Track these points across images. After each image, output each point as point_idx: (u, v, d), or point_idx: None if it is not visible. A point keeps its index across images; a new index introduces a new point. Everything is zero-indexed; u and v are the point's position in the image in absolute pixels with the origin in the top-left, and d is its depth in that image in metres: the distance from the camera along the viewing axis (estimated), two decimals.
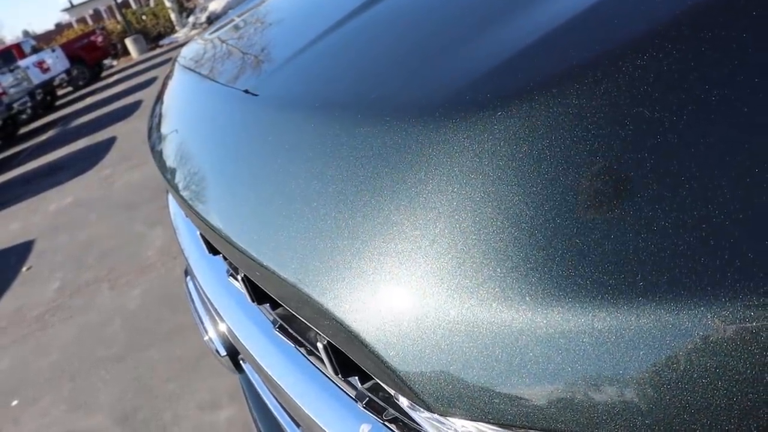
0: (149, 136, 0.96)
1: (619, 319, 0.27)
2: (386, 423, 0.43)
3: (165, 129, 0.88)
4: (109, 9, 38.38)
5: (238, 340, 0.63)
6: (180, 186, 0.67)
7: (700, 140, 0.29)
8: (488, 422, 0.30)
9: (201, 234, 0.72)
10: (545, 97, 0.34)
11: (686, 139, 0.30)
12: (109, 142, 8.58)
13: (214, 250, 0.73)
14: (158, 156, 0.80)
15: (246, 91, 0.66)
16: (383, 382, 0.36)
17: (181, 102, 0.92)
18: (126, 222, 5.13)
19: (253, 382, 0.82)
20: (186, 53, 1.26)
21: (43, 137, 12.04)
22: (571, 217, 0.30)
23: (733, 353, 0.25)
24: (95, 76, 18.30)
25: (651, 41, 0.34)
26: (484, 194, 0.33)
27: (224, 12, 21.71)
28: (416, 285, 0.34)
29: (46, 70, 15.99)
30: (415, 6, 0.66)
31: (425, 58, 0.49)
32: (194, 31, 21.29)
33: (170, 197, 1.07)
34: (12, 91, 13.74)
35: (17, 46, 17.65)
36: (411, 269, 0.34)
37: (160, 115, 0.99)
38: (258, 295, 0.59)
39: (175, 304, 3.43)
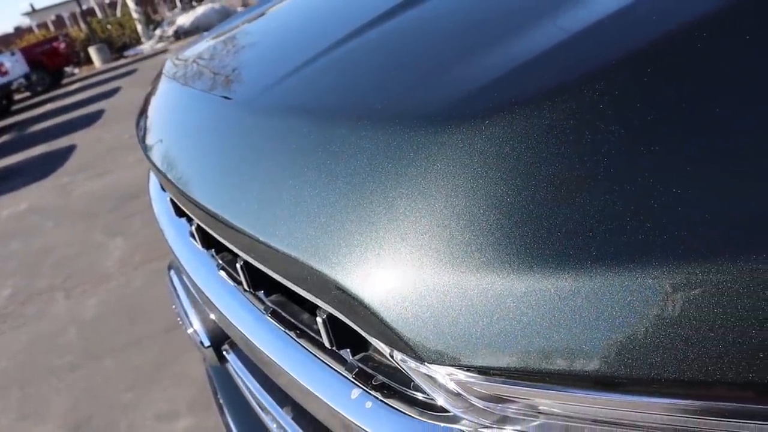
0: (142, 143, 1.01)
1: (577, 281, 0.35)
2: (373, 389, 0.50)
3: (162, 137, 0.94)
4: (73, 16, 37.72)
5: (233, 326, 0.69)
6: (181, 182, 0.73)
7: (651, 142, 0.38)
8: (468, 369, 0.38)
9: (197, 228, 0.78)
10: (523, 110, 0.42)
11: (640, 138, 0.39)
12: (69, 150, 8.42)
13: (207, 245, 0.79)
14: (156, 160, 0.86)
15: (234, 101, 0.73)
16: (380, 341, 0.43)
17: (173, 109, 0.98)
18: (84, 231, 5.05)
19: (235, 371, 0.87)
20: (170, 68, 1.32)
21: None
22: (542, 201, 0.38)
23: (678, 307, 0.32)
24: (55, 83, 17.92)
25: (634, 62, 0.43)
26: (471, 183, 0.41)
27: (192, 27, 21.60)
28: (412, 258, 0.41)
29: (3, 74, 15.59)
30: (405, 32, 0.74)
31: (419, 74, 0.58)
32: (160, 44, 21.10)
33: (155, 197, 1.12)
34: None
35: None
36: (407, 244, 0.42)
37: (152, 125, 1.04)
38: (254, 282, 0.65)
39: (134, 315, 3.40)
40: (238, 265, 0.65)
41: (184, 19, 22.36)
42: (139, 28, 22.49)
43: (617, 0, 0.52)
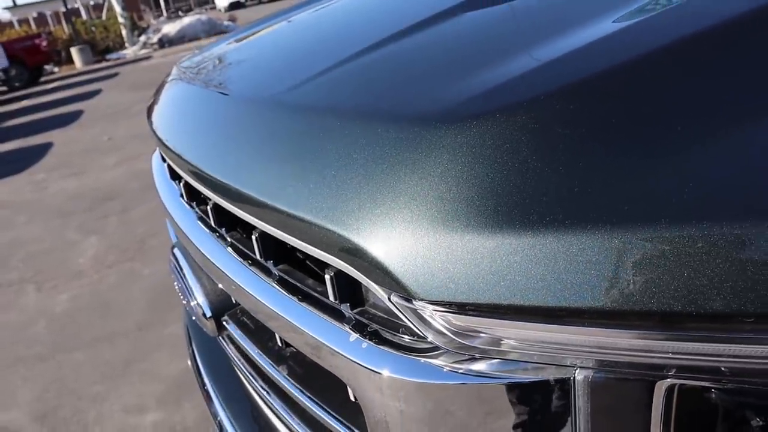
0: (156, 134, 1.13)
1: (532, 238, 0.48)
2: (367, 336, 0.62)
3: (185, 128, 1.06)
4: (56, 15, 37.45)
5: (248, 294, 0.80)
6: (205, 166, 0.85)
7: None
8: (448, 305, 0.51)
9: (213, 207, 0.90)
10: (497, 119, 0.57)
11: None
12: (45, 148, 8.37)
13: (219, 224, 0.91)
14: (181, 149, 0.97)
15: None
16: (381, 286, 0.56)
17: (187, 107, 1.11)
18: (58, 228, 5.05)
19: (233, 339, 0.98)
20: (181, 69, 1.43)
21: None
22: (505, 182, 0.52)
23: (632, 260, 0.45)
24: (34, 80, 17.74)
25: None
26: (454, 165, 0.55)
27: (178, 36, 21.69)
28: (407, 219, 0.54)
29: None
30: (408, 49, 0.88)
31: (420, 83, 0.72)
32: (144, 51, 21.09)
33: (161, 186, 1.23)
34: None
35: None
36: (404, 209, 0.55)
37: (172, 114, 1.16)
38: (267, 253, 0.78)
39: (106, 311, 3.44)
40: (253, 238, 0.77)
41: (170, 28, 22.42)
42: (124, 32, 22.46)
43: (601, 29, 0.68)
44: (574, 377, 0.49)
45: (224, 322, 0.99)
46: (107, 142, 7.86)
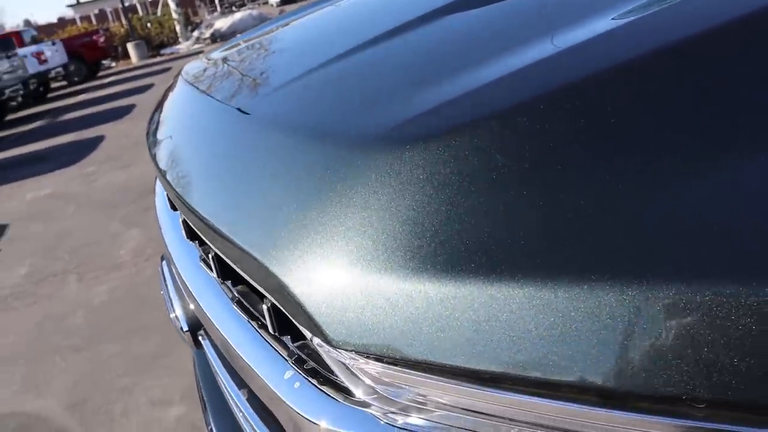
0: (147, 138, 1.11)
1: (456, 287, 0.42)
2: (305, 372, 0.58)
3: (162, 133, 1.04)
4: (115, 11, 38.71)
5: (203, 311, 0.77)
6: (172, 179, 0.82)
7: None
8: (366, 355, 0.46)
9: (183, 220, 0.87)
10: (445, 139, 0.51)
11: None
12: (97, 141, 8.65)
13: (191, 236, 0.88)
14: (155, 154, 0.95)
15: (239, 109, 0.82)
16: (305, 327, 0.51)
17: (180, 112, 1.08)
18: (103, 220, 5.20)
19: (208, 355, 0.95)
20: (190, 69, 1.42)
21: (30, 126, 12.05)
22: (426, 224, 0.46)
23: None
24: (92, 75, 18.39)
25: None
26: (383, 203, 0.49)
27: (229, 31, 22.07)
28: (332, 261, 0.49)
29: (43, 62, 16.06)
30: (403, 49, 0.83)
31: (382, 98, 0.67)
32: (196, 45, 21.57)
33: (158, 192, 1.21)
34: (6, 77, 13.78)
35: (17, 34, 17.74)
36: (330, 249, 0.50)
37: (158, 121, 1.14)
38: (224, 272, 0.74)
39: (140, 304, 3.52)
40: (210, 256, 0.74)
41: (222, 23, 22.85)
42: (178, 28, 23.01)
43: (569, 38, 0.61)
44: None
45: (200, 337, 0.97)
46: None
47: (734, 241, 0.38)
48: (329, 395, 0.54)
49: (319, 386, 0.55)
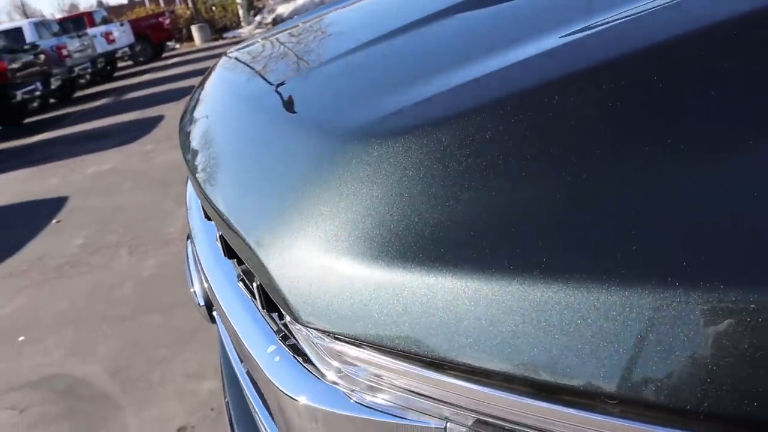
0: (182, 115, 1.16)
1: (416, 276, 0.44)
2: (286, 347, 0.61)
3: (190, 116, 1.08)
4: None
5: (210, 286, 0.81)
6: (189, 159, 0.86)
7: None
8: (327, 333, 0.48)
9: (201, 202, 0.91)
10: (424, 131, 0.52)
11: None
12: (157, 120, 8.95)
13: (207, 216, 0.92)
14: (183, 131, 1.00)
15: (275, 89, 0.85)
16: (280, 305, 0.54)
17: (215, 92, 1.12)
18: (157, 197, 5.40)
19: (219, 329, 1.00)
20: (234, 51, 1.47)
21: (96, 103, 12.58)
22: (402, 213, 0.48)
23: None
24: (156, 56, 19.01)
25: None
26: (357, 193, 0.51)
27: (290, 16, 22.36)
28: (306, 246, 0.52)
29: (111, 42, 16.71)
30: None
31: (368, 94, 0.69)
32: (258, 30, 21.98)
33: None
34: (76, 55, 14.41)
35: (89, 15, 18.50)
36: (306, 234, 0.52)
37: (197, 99, 1.19)
38: (229, 252, 0.78)
39: (185, 280, 3.65)
40: (216, 235, 0.78)
41: (284, 8, 23.15)
42: (241, 12, 23.46)
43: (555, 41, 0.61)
44: (446, 428, 0.45)
45: (214, 313, 1.01)
46: None
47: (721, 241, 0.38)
48: (307, 371, 0.57)
49: (297, 361, 0.58)
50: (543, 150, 0.48)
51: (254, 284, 0.63)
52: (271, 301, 0.63)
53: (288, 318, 0.54)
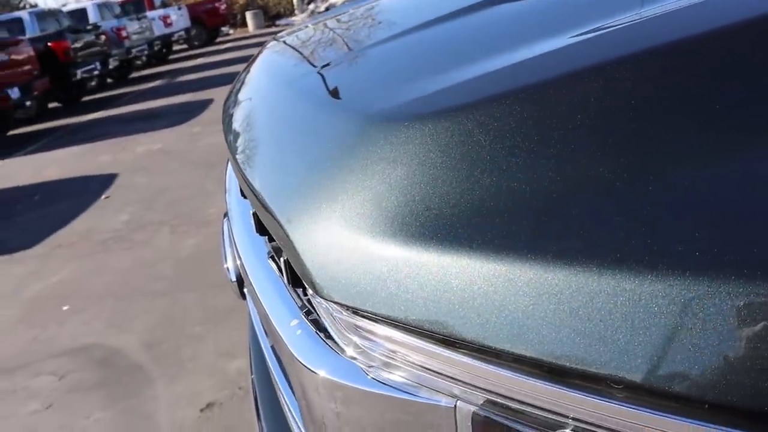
0: (227, 98, 1.19)
1: (435, 259, 0.45)
2: (309, 321, 0.62)
3: (240, 95, 1.11)
4: None
5: (242, 262, 0.83)
6: (230, 139, 0.88)
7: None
8: (345, 307, 0.49)
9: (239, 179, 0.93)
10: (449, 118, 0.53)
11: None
12: (206, 103, 9.13)
13: (243, 195, 0.94)
14: (226, 113, 1.02)
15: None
16: (304, 279, 0.55)
17: (259, 75, 1.15)
18: (200, 178, 5.52)
19: (248, 306, 1.02)
20: (281, 35, 1.49)
21: (150, 85, 12.91)
22: (424, 199, 0.48)
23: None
24: (210, 40, 19.38)
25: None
26: (384, 178, 0.52)
27: (342, 4, 22.47)
28: (332, 226, 0.53)
29: (168, 25, 17.10)
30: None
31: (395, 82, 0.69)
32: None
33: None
34: (135, 37, 14.82)
35: None
36: (333, 215, 0.53)
37: (242, 82, 1.22)
38: (261, 228, 0.80)
39: (221, 260, 3.73)
40: (250, 212, 0.80)
41: None
42: (295, 0, 23.70)
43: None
44: (456, 407, 0.45)
45: (245, 289, 1.03)
46: None
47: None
48: (327, 345, 0.57)
49: (318, 336, 0.59)
50: (564, 138, 0.48)
51: (282, 260, 0.64)
52: (296, 277, 0.65)
53: (311, 292, 0.55)
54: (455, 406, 0.45)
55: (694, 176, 0.40)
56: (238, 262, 0.90)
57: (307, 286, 0.56)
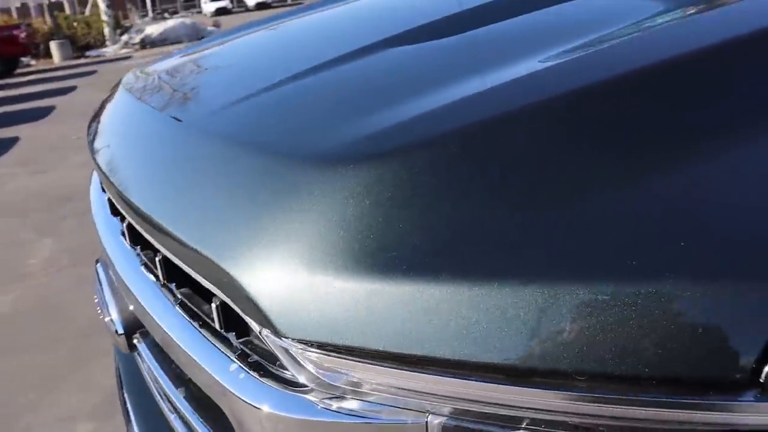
0: (90, 146, 1.13)
1: (385, 285, 0.50)
2: (249, 366, 0.63)
3: (108, 143, 1.06)
4: (39, 6, 36.98)
5: (147, 314, 0.80)
6: (121, 186, 0.85)
7: None
8: (310, 344, 0.52)
9: (127, 226, 0.89)
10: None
11: None
12: (10, 142, 8.20)
13: (134, 243, 0.90)
14: (102, 163, 0.97)
15: (179, 119, 0.86)
16: (253, 320, 0.57)
17: (126, 122, 1.10)
18: (12, 227, 4.94)
19: (143, 357, 0.97)
20: (130, 80, 1.43)
21: None
22: (365, 229, 0.53)
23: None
24: (8, 72, 17.44)
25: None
26: (329, 205, 0.56)
27: (160, 38, 21.55)
28: (280, 259, 0.55)
29: None
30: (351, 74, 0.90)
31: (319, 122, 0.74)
32: (124, 50, 20.91)
33: (94, 198, 1.22)
34: None
35: None
36: (279, 248, 0.56)
37: (101, 131, 1.16)
38: (169, 276, 0.78)
39: (51, 314, 3.37)
40: (157, 260, 0.77)
41: (153, 29, 22.30)
42: (107, 30, 22.26)
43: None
44: (427, 422, 0.50)
45: (135, 340, 0.98)
46: (75, 141, 7.72)
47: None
48: (281, 383, 0.59)
49: (261, 378, 0.60)
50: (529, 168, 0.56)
51: (212, 305, 0.64)
52: (228, 321, 0.65)
53: (263, 332, 0.56)
54: (426, 421, 0.50)
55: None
56: (139, 314, 0.86)
57: (253, 328, 0.58)
